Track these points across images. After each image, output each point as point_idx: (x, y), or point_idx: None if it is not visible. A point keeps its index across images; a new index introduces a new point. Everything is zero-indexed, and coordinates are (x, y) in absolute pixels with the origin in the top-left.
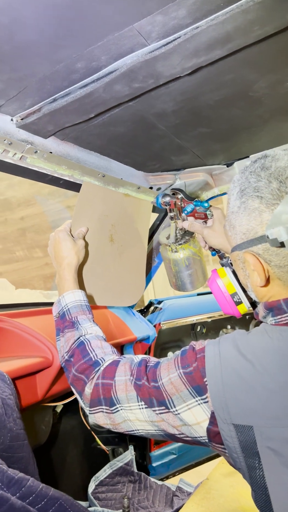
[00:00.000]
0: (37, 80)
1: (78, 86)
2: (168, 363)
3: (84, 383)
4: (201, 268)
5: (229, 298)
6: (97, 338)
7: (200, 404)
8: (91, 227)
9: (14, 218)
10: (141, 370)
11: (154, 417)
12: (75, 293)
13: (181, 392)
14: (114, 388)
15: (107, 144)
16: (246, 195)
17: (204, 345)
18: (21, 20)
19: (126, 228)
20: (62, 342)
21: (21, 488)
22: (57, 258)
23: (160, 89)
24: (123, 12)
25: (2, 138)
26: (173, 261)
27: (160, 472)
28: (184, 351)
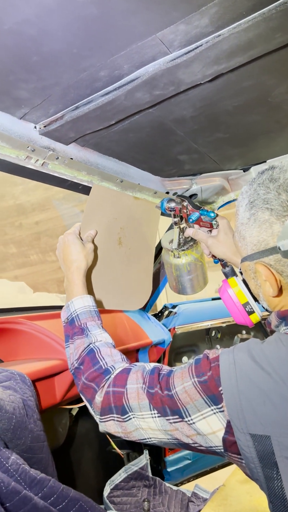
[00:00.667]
0: (61, 89)
1: (100, 94)
2: (182, 372)
3: (94, 391)
4: (202, 273)
5: (241, 308)
6: (106, 345)
7: (215, 413)
8: (100, 230)
9: (29, 222)
10: (153, 378)
11: (167, 426)
12: (84, 298)
13: (196, 401)
14: (126, 396)
15: (126, 150)
16: (256, 207)
17: (218, 354)
18: (50, 32)
19: (135, 232)
20: (72, 349)
21: (43, 488)
22: (66, 262)
23: (180, 96)
24: (147, 22)
25: (26, 145)
26: (174, 266)
27: (175, 477)
28: (198, 359)
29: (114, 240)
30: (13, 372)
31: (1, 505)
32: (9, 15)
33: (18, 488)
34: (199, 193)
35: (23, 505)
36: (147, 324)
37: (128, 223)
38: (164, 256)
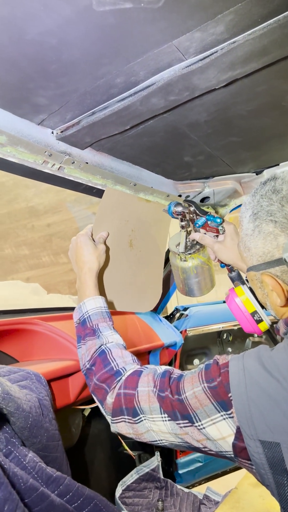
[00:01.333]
0: (79, 95)
1: (116, 100)
2: (192, 377)
3: (105, 392)
4: (209, 276)
5: (249, 317)
6: (117, 346)
7: (225, 419)
8: (111, 232)
9: (41, 224)
10: (164, 382)
11: (177, 430)
12: (96, 299)
13: (206, 406)
14: (137, 398)
15: (139, 154)
16: (260, 218)
17: (227, 360)
18: (69, 41)
19: (146, 234)
20: (84, 350)
21: (59, 486)
22: (78, 263)
23: (194, 101)
24: (164, 30)
25: (43, 149)
26: (181, 269)
27: (186, 480)
28: (208, 365)
29: (125, 243)
30: (29, 372)
31: (20, 500)
32: (31, 26)
33: (36, 485)
34: (211, 196)
35: (41, 502)
36: (159, 326)
37: (139, 226)
38: (171, 259)
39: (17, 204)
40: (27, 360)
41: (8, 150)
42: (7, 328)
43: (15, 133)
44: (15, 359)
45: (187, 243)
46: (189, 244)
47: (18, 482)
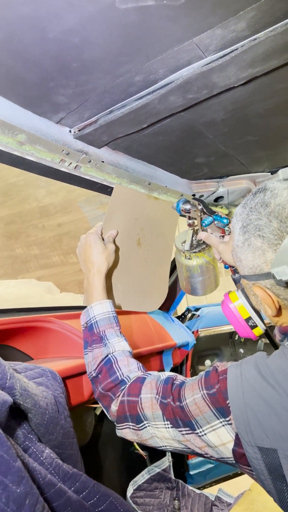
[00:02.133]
0: (97, 94)
1: (134, 98)
2: (192, 384)
3: (110, 399)
4: (213, 275)
5: (244, 323)
6: (123, 354)
7: (224, 425)
8: (121, 230)
9: (51, 224)
10: (167, 389)
11: (180, 437)
12: (104, 304)
13: (205, 413)
14: (140, 405)
15: (155, 153)
16: (249, 232)
17: (226, 367)
18: (91, 40)
19: (154, 232)
20: (90, 358)
21: (75, 482)
22: (86, 262)
23: (212, 99)
24: (185, 27)
25: (60, 148)
26: (185, 267)
27: (197, 481)
28: (208, 372)
29: (133, 241)
30: (45, 369)
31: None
32: (54, 25)
33: (54, 480)
34: (225, 195)
35: (59, 498)
36: (171, 326)
37: (148, 224)
38: (176, 256)
39: (28, 204)
40: (41, 357)
41: (27, 148)
42: (22, 325)
43: (34, 131)
44: (30, 356)
45: (193, 242)
46: (195, 242)
47: (37, 477)
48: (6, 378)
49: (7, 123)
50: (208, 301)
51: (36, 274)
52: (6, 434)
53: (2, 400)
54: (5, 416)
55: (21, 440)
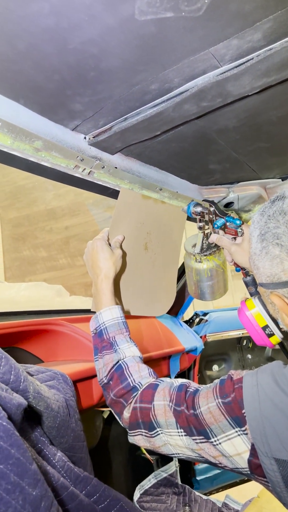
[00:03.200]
0: (113, 102)
1: (149, 106)
2: (207, 392)
3: (122, 406)
4: (223, 280)
5: (261, 331)
6: (134, 360)
7: (240, 435)
8: (127, 235)
9: (59, 227)
10: (180, 396)
11: (194, 445)
12: (113, 310)
13: (220, 422)
14: (153, 412)
15: (167, 159)
16: (267, 240)
17: (242, 376)
18: (109, 50)
19: (161, 237)
20: (101, 364)
21: (86, 486)
22: (94, 268)
23: (226, 107)
24: (202, 38)
25: (75, 155)
26: (195, 270)
27: (204, 487)
28: (223, 380)
29: (140, 245)
30: (56, 372)
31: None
32: (75, 36)
33: (66, 483)
34: (235, 201)
35: (71, 501)
36: (179, 330)
37: (155, 228)
38: (185, 259)
39: (36, 207)
40: (52, 360)
41: (43, 155)
42: (33, 328)
43: (50, 138)
44: (40, 359)
45: (203, 245)
46: (205, 245)
47: (51, 480)
48: (20, 380)
49: (25, 130)
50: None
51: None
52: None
53: (17, 403)
54: (19, 418)
55: (34, 442)
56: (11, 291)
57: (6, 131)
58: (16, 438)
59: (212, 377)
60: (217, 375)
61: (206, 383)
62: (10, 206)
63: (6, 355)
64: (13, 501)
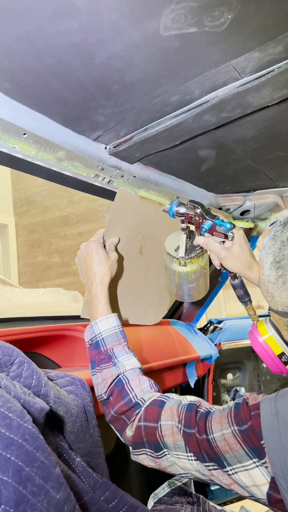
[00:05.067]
0: (134, 113)
1: (169, 117)
2: (220, 416)
3: (124, 423)
4: (205, 280)
5: (277, 359)
6: (134, 373)
7: (258, 466)
8: (123, 238)
9: (73, 233)
10: (190, 417)
11: (205, 471)
12: (109, 319)
13: (236, 452)
14: (160, 432)
15: (184, 168)
16: (283, 268)
17: (258, 401)
18: (133, 64)
19: (156, 240)
20: (99, 379)
21: (105, 491)
22: (88, 273)
23: (245, 117)
24: (224, 51)
25: (96, 164)
26: (178, 273)
27: (218, 497)
28: (238, 405)
29: (135, 249)
30: (74, 378)
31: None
32: (101, 51)
33: (86, 488)
34: (251, 209)
35: (91, 506)
36: (194, 338)
37: (151, 231)
38: (166, 262)
39: (51, 213)
40: (69, 366)
41: (65, 164)
42: (51, 334)
43: (73, 148)
44: (58, 364)
45: (186, 246)
46: (189, 247)
47: (71, 484)
48: (41, 385)
49: (49, 141)
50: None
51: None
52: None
53: (40, 407)
54: (42, 423)
55: (54, 447)
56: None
57: (32, 142)
58: (41, 442)
59: (226, 385)
60: (231, 383)
61: (220, 392)
62: (25, 213)
63: (28, 360)
64: (39, 503)
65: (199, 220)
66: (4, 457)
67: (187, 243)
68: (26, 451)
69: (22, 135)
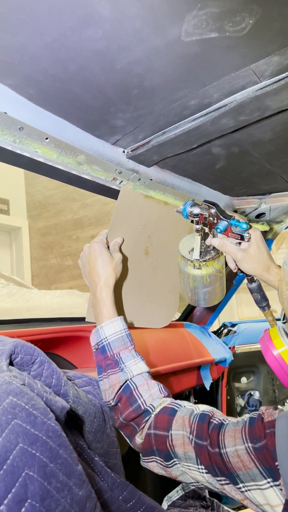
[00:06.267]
0: (153, 117)
1: (188, 121)
2: (234, 430)
3: (133, 430)
4: (221, 284)
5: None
6: (142, 378)
7: (273, 486)
8: (127, 238)
9: (85, 236)
10: (203, 428)
11: (216, 484)
12: (115, 323)
13: (249, 470)
14: (171, 442)
15: (200, 171)
16: None
17: (274, 418)
18: (153, 69)
19: (163, 241)
20: (107, 385)
21: (123, 491)
22: (92, 275)
23: (263, 121)
24: (244, 55)
25: (114, 168)
26: (192, 277)
27: (233, 501)
28: (253, 420)
29: (140, 250)
30: (91, 378)
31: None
32: (122, 57)
33: (105, 487)
34: (267, 212)
35: (111, 505)
36: (208, 341)
37: (156, 231)
38: (180, 265)
39: (64, 216)
40: (85, 367)
41: (85, 168)
42: (68, 334)
43: (92, 152)
44: (74, 365)
45: (201, 249)
46: (203, 249)
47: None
48: (61, 384)
49: (70, 145)
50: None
51: (69, 284)
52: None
53: (61, 406)
54: (63, 421)
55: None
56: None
57: (53, 146)
58: (64, 439)
59: (240, 389)
60: (245, 387)
61: (234, 395)
62: (39, 216)
63: (49, 360)
64: (62, 499)
65: (214, 220)
66: (30, 453)
67: (202, 245)
68: (50, 448)
69: (44, 139)
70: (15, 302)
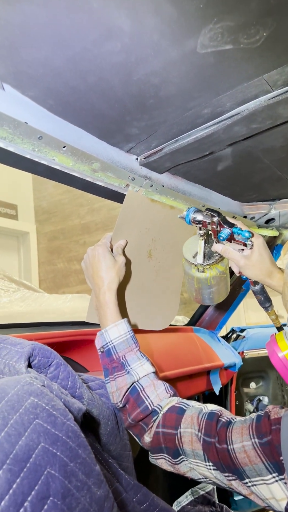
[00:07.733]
0: (167, 125)
1: (200, 129)
2: (241, 427)
3: (142, 429)
4: (225, 284)
5: None
6: (148, 379)
7: (278, 481)
8: (131, 241)
9: (92, 241)
10: (211, 426)
11: (223, 480)
12: (119, 326)
13: (255, 465)
14: (180, 439)
15: (211, 177)
16: None
17: (280, 415)
18: (169, 80)
19: (166, 244)
20: (114, 388)
21: (137, 493)
22: (95, 278)
23: (274, 128)
24: (258, 66)
25: (127, 174)
26: (197, 279)
27: (242, 507)
28: (259, 417)
29: (144, 253)
30: (104, 381)
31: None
32: (140, 69)
33: (120, 489)
34: (276, 218)
35: (125, 506)
36: (217, 346)
37: (160, 234)
38: (185, 267)
39: (71, 221)
40: (96, 370)
41: (99, 175)
42: (79, 338)
43: (107, 160)
44: (86, 368)
45: (205, 253)
46: (207, 253)
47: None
48: (76, 387)
49: (86, 153)
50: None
51: (76, 288)
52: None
53: (78, 408)
54: (80, 422)
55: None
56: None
57: (70, 154)
58: (83, 440)
59: (249, 394)
60: (254, 392)
61: (243, 401)
62: (46, 221)
63: (64, 362)
64: (82, 498)
65: (217, 228)
66: (51, 452)
67: (206, 248)
68: (70, 448)
69: (62, 148)
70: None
